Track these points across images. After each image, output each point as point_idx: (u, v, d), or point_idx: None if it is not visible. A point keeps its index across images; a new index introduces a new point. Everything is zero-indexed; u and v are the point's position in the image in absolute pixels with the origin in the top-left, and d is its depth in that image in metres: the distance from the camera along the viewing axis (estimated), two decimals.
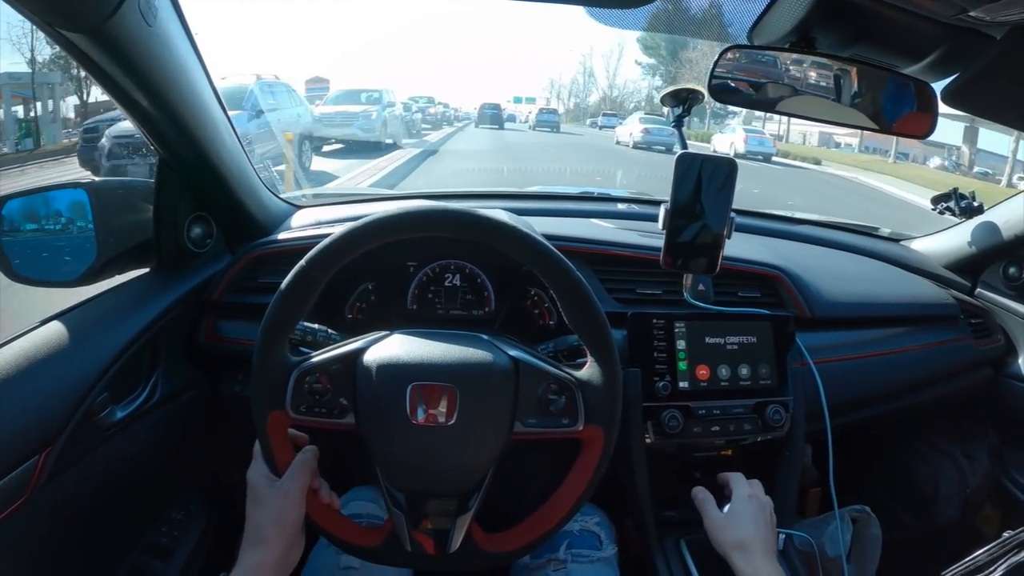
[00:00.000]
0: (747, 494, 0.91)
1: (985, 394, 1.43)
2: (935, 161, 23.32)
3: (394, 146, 11.78)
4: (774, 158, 19.11)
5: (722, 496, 0.95)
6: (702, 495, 0.94)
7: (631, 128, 18.26)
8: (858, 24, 0.87)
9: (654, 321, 1.02)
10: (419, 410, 0.69)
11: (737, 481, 0.94)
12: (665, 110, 1.09)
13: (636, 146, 16.92)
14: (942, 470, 1.48)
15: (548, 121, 23.59)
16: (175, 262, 1.07)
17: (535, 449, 1.10)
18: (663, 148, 15.61)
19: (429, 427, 0.69)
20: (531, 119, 25.52)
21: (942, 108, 0.91)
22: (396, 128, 12.64)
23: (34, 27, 0.71)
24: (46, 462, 0.80)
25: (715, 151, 17.32)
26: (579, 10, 0.84)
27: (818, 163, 20.52)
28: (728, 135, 19.50)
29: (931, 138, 0.95)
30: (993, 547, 0.94)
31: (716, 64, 0.87)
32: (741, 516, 0.88)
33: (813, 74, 0.92)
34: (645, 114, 20.23)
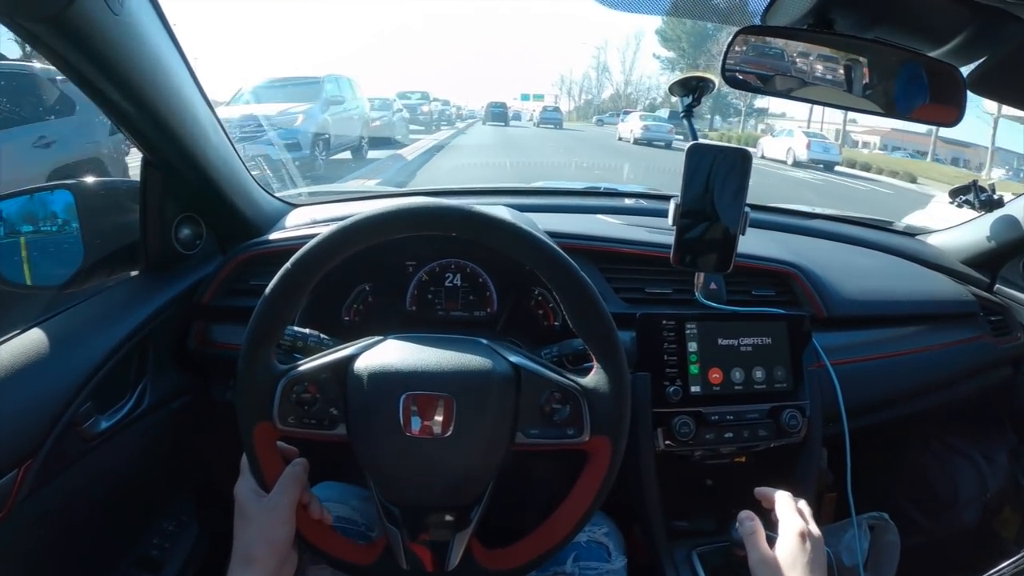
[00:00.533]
0: (799, 531, 0.74)
1: (1004, 394, 1.39)
2: (998, 172, 21.26)
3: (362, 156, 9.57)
4: (837, 168, 17.60)
5: (765, 519, 0.81)
6: (750, 524, 0.78)
7: (632, 125, 19.13)
8: (879, 4, 0.83)
9: (664, 322, 0.97)
10: (414, 421, 0.66)
11: (785, 508, 0.78)
12: (673, 99, 1.04)
13: (636, 142, 17.64)
14: (960, 472, 1.45)
15: (551, 118, 25.05)
16: (163, 264, 1.04)
17: (539, 458, 1.06)
18: (662, 144, 16.82)
19: (424, 439, 0.66)
20: (535, 116, 26.98)
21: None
22: (352, 131, 9.36)
23: None
24: (25, 476, 0.77)
25: (764, 156, 17.49)
26: None
27: (914, 180, 16.97)
28: (784, 139, 18.39)
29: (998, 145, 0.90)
30: (1020, 559, 0.89)
31: (730, 47, 0.82)
32: (796, 564, 0.72)
33: (821, 67, 0.88)
34: (645, 112, 22.70)
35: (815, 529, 0.76)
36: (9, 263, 0.96)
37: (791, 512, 0.77)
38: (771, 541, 0.75)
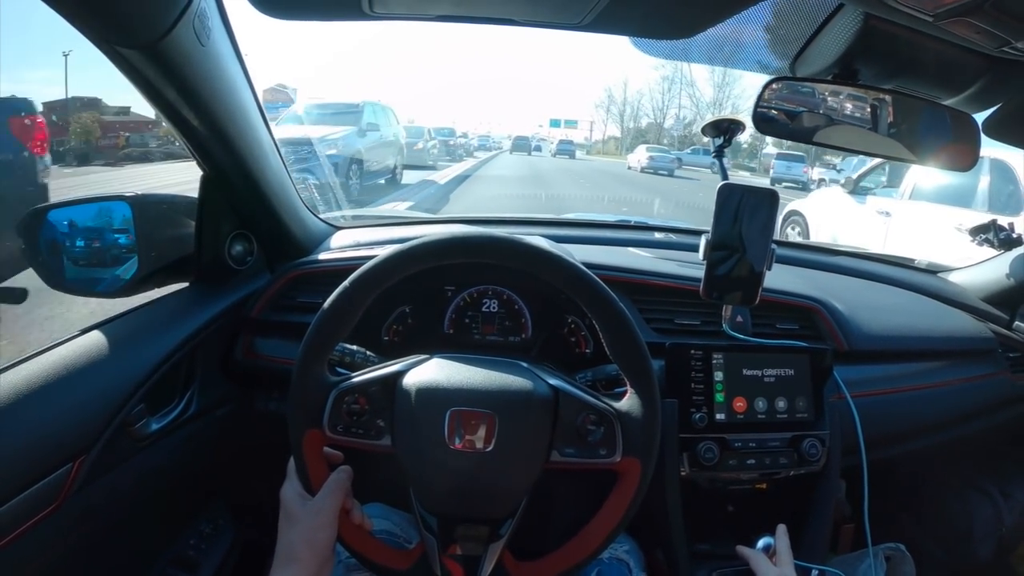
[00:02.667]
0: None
1: (1022, 430, 1.39)
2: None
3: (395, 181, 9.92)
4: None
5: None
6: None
7: (639, 156, 22.08)
8: (901, 56, 0.88)
9: (692, 352, 1.01)
10: (457, 435, 0.69)
11: (758, 563, 0.89)
12: (705, 140, 1.09)
13: (643, 170, 20.26)
14: (977, 507, 1.45)
15: (565, 150, 30.62)
16: (215, 278, 1.08)
17: (570, 477, 1.09)
18: (665, 172, 19.81)
19: (466, 453, 0.69)
20: (553, 148, 32.39)
21: None
22: (388, 157, 9.72)
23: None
24: (79, 470, 0.81)
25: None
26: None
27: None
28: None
29: None
30: None
31: (761, 95, 0.87)
32: None
33: (850, 105, 0.92)
34: (649, 145, 26.82)
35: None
36: (67, 268, 1.01)
37: (764, 565, 0.87)
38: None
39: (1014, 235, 1.41)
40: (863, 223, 5.21)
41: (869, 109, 0.93)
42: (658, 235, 1.46)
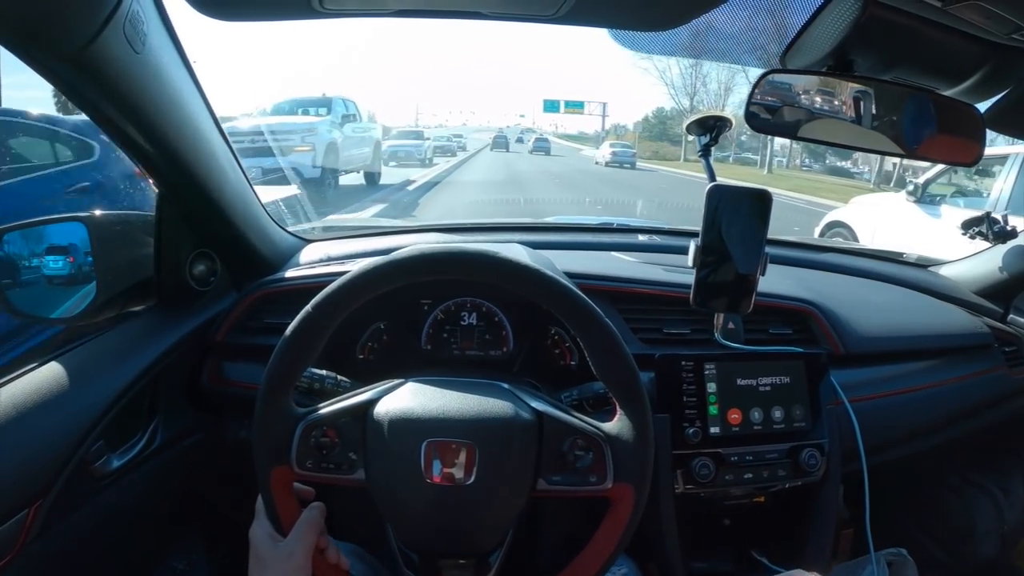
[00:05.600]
0: None
1: (1020, 425, 1.37)
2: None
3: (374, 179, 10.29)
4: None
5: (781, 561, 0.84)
6: None
7: (604, 151, 24.14)
8: (899, 45, 0.84)
9: (683, 363, 0.97)
10: (435, 467, 0.64)
11: None
12: (691, 138, 1.04)
13: (608, 164, 22.13)
14: (977, 505, 1.43)
15: (540, 147, 31.83)
16: (177, 300, 1.03)
17: (561, 503, 1.04)
18: (629, 165, 22.19)
19: (445, 486, 0.65)
20: (530, 145, 33.69)
21: None
22: (429, 155, 14.01)
23: None
24: (36, 515, 0.76)
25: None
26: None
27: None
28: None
29: None
30: None
31: (755, 90, 0.82)
32: None
33: (848, 100, 0.88)
34: (612, 141, 29.06)
35: None
36: (22, 294, 0.97)
37: None
38: None
39: (1008, 228, 1.38)
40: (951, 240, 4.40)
41: (869, 104, 0.89)
42: (642, 237, 1.41)
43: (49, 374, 0.84)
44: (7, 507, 0.73)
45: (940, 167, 4.80)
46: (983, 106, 0.90)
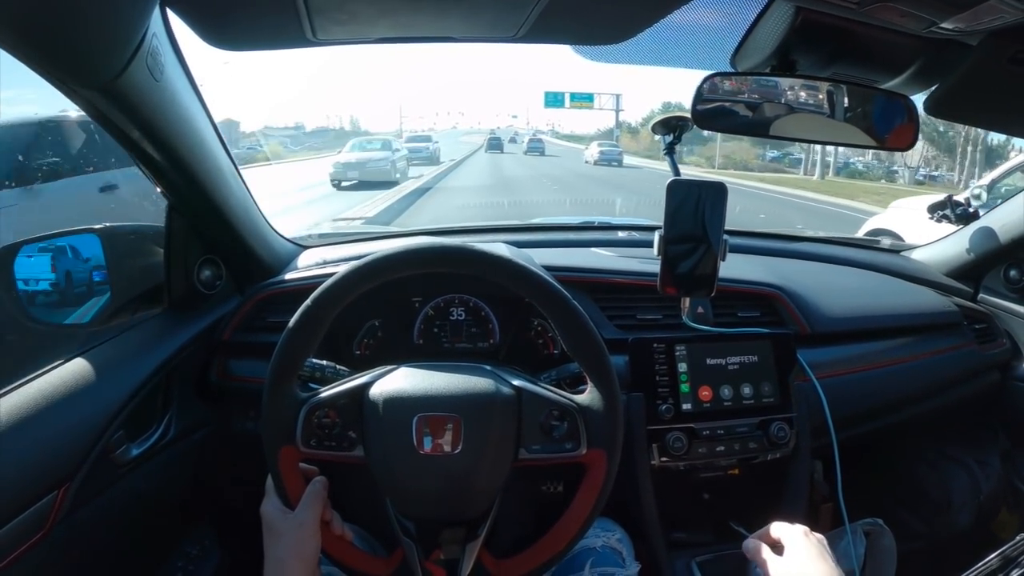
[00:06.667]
0: (802, 530, 0.77)
1: (993, 399, 1.43)
2: None
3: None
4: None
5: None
6: (752, 544, 0.78)
7: (592, 151, 25.96)
8: (835, 43, 0.89)
9: (655, 345, 1.03)
10: (426, 440, 0.71)
11: (779, 525, 0.79)
12: (656, 138, 1.12)
13: (597, 163, 23.99)
14: (954, 477, 1.48)
15: (535, 148, 32.40)
16: (186, 304, 1.10)
17: (542, 473, 1.11)
18: (617, 163, 23.84)
19: (436, 456, 0.71)
20: (524, 145, 34.25)
21: None
22: (403, 166, 15.93)
23: None
24: (64, 498, 0.82)
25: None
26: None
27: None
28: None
29: None
30: (1007, 548, 0.93)
31: (699, 91, 0.89)
32: (810, 551, 0.73)
33: (803, 94, 0.94)
34: (600, 141, 30.59)
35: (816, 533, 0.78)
36: (41, 303, 1.03)
37: (786, 525, 0.78)
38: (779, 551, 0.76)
39: (970, 210, 1.44)
40: None
41: (817, 97, 0.95)
42: (621, 234, 1.48)
43: (74, 369, 0.90)
44: (37, 489, 0.79)
45: (1007, 166, 4.82)
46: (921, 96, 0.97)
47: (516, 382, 0.76)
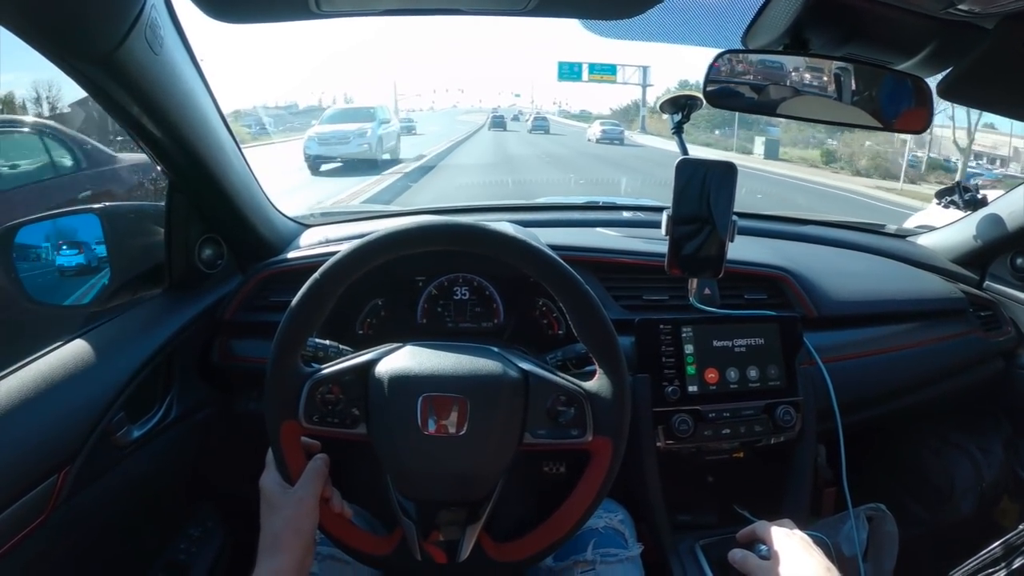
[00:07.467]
0: (784, 530, 0.77)
1: (997, 386, 1.42)
2: None
3: (393, 162, 12.27)
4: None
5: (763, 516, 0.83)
6: (740, 555, 0.77)
7: (595, 129, 26.12)
8: (850, 23, 0.88)
9: (661, 327, 1.03)
10: (430, 421, 0.70)
11: (761, 527, 0.79)
12: (664, 117, 1.10)
13: (599, 141, 24.11)
14: (957, 464, 1.48)
15: (539, 126, 31.57)
16: (187, 283, 1.09)
17: (544, 455, 1.10)
18: (618, 142, 24.20)
19: (440, 437, 0.70)
20: (529, 124, 33.30)
21: None
22: (392, 144, 13.47)
23: None
24: (65, 481, 0.81)
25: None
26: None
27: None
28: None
29: None
30: (1011, 537, 0.93)
31: (710, 70, 0.88)
32: (795, 549, 0.74)
33: (810, 75, 0.93)
34: (602, 120, 31.21)
35: (798, 530, 0.78)
36: (40, 284, 1.01)
37: (769, 525, 0.79)
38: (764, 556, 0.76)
39: (979, 196, 1.43)
40: None
41: (833, 78, 0.94)
42: (626, 214, 1.47)
43: (74, 351, 0.89)
44: (37, 473, 0.78)
45: None
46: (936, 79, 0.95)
47: (524, 365, 0.75)
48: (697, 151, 1.07)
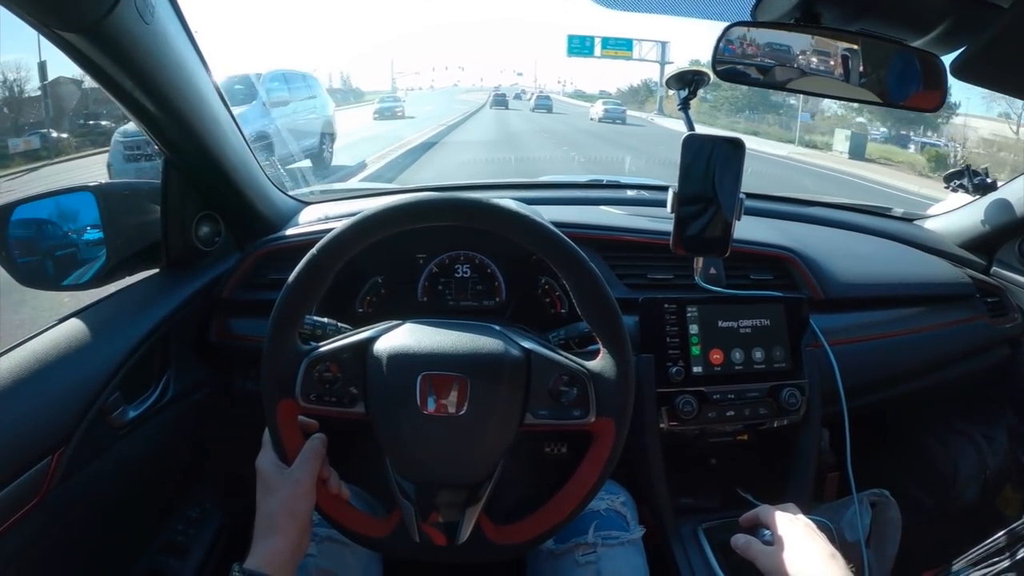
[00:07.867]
0: (788, 515, 0.76)
1: (1003, 374, 1.41)
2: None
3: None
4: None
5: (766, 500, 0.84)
6: (743, 540, 0.77)
7: (597, 108, 26.98)
8: None
9: (666, 306, 1.01)
10: (430, 400, 0.69)
11: (767, 510, 0.79)
12: (671, 93, 1.08)
13: (601, 120, 25.02)
14: (961, 451, 1.47)
15: (542, 104, 31.77)
16: (184, 261, 1.07)
17: (545, 434, 1.09)
18: (620, 121, 24.95)
19: (439, 417, 0.69)
20: (532, 102, 34.09)
21: None
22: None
23: None
24: (59, 462, 0.80)
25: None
26: None
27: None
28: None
29: None
30: (1017, 526, 0.92)
31: (719, 42, 0.86)
32: (798, 534, 0.73)
33: (818, 56, 0.91)
34: (604, 99, 30.13)
35: (801, 515, 0.77)
36: (36, 264, 1.00)
37: (772, 510, 0.79)
38: (767, 541, 0.75)
39: (988, 180, 1.41)
40: None
41: (839, 61, 0.92)
42: (630, 192, 1.45)
43: (67, 332, 0.88)
44: (31, 455, 0.77)
45: None
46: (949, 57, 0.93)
47: (526, 344, 0.74)
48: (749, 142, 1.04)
